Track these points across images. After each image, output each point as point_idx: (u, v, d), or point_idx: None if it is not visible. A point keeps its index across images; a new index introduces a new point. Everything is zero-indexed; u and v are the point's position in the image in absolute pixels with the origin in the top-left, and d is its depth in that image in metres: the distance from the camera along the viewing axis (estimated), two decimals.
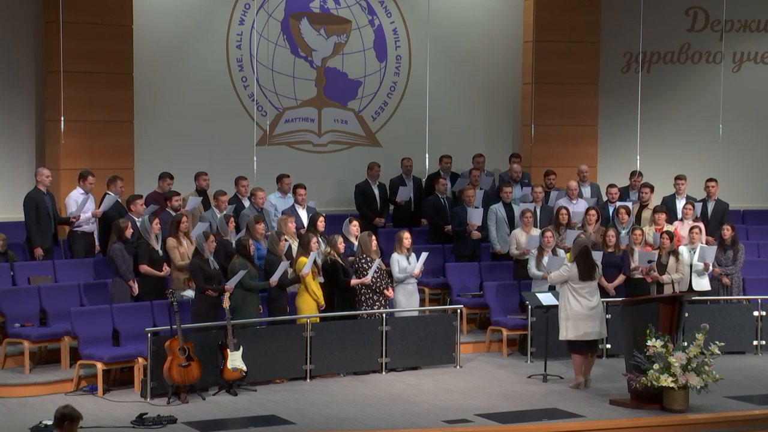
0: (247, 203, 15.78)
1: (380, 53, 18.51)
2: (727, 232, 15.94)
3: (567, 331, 13.37)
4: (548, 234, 15.19)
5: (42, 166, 15.36)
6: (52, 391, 12.88)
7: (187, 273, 13.80)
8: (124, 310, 13.44)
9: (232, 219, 14.71)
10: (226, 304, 13.06)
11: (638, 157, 18.72)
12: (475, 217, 16.37)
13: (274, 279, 13.65)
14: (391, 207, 17.50)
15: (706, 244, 15.91)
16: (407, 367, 14.37)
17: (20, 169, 16.37)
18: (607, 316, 14.02)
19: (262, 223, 14.45)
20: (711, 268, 15.59)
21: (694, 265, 15.48)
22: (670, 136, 19.66)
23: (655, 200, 16.97)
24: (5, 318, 13.68)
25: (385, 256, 15.07)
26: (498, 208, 16.55)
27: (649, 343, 12.39)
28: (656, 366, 12.31)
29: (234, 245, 14.10)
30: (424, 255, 14.87)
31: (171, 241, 14.06)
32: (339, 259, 14.22)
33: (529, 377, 13.99)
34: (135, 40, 16.59)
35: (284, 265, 13.71)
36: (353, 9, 18.29)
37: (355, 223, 15.01)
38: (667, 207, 16.57)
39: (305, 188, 15.86)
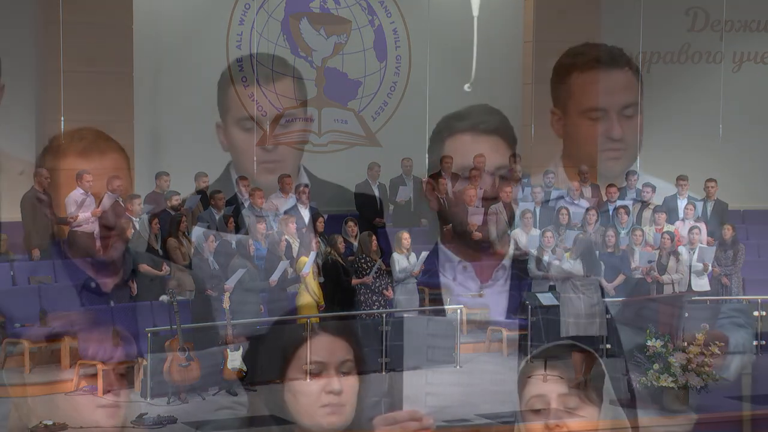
0: (247, 203, 15.77)
1: (380, 53, 18.49)
2: (728, 232, 15.94)
3: (568, 328, 13.37)
4: (548, 234, 15.18)
5: (40, 167, 15.36)
6: (52, 391, 12.86)
7: (189, 273, 13.81)
8: (124, 310, 13.43)
9: (231, 219, 14.70)
10: (226, 304, 13.06)
11: (638, 157, 18.72)
12: (475, 217, 16.36)
13: (274, 279, 13.64)
14: (391, 207, 17.49)
15: (706, 244, 15.92)
16: (407, 367, 14.36)
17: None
18: (607, 316, 14.01)
19: (263, 223, 14.45)
20: (710, 268, 15.59)
21: (693, 265, 15.47)
22: (670, 136, 19.64)
23: (657, 200, 16.97)
24: (5, 318, 13.67)
25: (385, 256, 15.07)
26: (498, 208, 16.53)
27: (649, 343, 12.38)
28: (656, 366, 12.30)
29: (233, 245, 14.09)
30: (424, 254, 14.86)
31: (172, 242, 14.05)
32: (340, 259, 14.21)
33: (530, 377, 13.94)
34: (135, 40, 16.58)
35: (284, 264, 13.71)
36: (353, 9, 18.28)
37: (351, 224, 15.00)
38: (669, 207, 16.56)
39: (308, 187, 15.87)
